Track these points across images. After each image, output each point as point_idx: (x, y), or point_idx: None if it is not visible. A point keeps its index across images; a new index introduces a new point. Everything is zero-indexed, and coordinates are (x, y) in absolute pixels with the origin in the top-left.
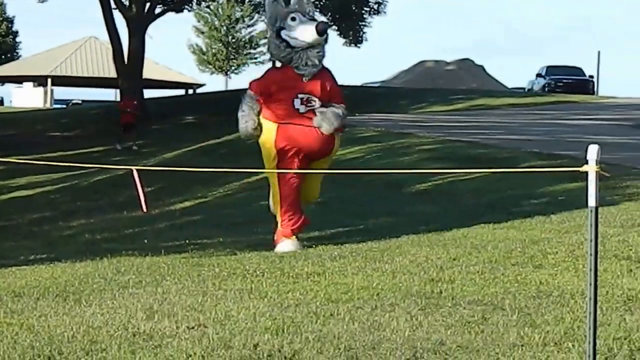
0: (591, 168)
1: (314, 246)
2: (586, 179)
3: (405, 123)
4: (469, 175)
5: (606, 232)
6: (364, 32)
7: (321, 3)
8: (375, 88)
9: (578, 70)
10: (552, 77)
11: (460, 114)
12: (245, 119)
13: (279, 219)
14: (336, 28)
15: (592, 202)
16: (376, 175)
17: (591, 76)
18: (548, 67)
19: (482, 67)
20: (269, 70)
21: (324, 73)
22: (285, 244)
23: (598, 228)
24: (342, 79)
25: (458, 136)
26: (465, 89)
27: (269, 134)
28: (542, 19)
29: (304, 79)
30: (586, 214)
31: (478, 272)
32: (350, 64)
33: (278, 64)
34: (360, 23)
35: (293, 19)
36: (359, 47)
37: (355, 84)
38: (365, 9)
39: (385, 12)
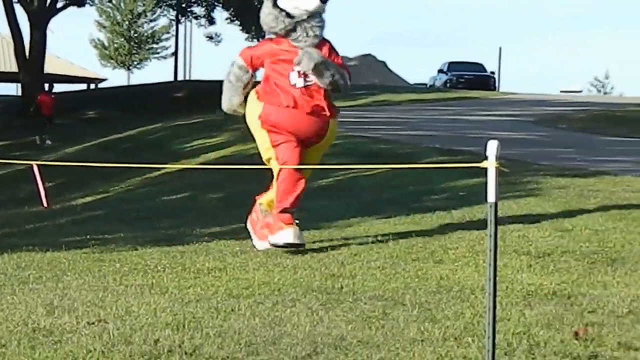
0: (490, 164)
1: (214, 241)
2: (486, 175)
3: None
4: (370, 170)
5: (506, 228)
6: None
7: None
8: None
9: (479, 66)
10: (454, 73)
11: (362, 110)
12: (231, 93)
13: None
14: (239, 23)
15: (491, 197)
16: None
17: (492, 72)
18: (450, 63)
19: (383, 62)
20: (262, 40)
21: (323, 43)
22: (286, 234)
23: (497, 223)
24: None
25: (360, 132)
26: (367, 84)
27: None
28: (444, 14)
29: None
30: (486, 210)
31: (379, 267)
32: None
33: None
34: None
35: None
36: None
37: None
38: None
39: None
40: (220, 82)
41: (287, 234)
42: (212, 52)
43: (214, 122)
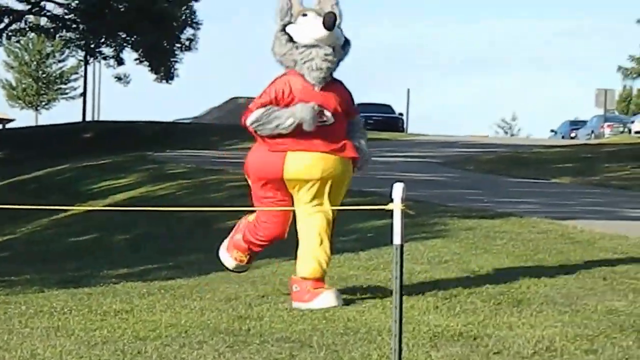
0: (396, 206)
1: (121, 283)
2: (392, 217)
3: (217, 159)
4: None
5: (413, 269)
6: (175, 68)
7: (132, 39)
8: (187, 124)
9: (388, 108)
10: (363, 114)
11: None
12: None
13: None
14: (148, 64)
15: (397, 240)
16: (187, 213)
17: (401, 114)
18: (359, 105)
19: None
20: (273, 81)
21: (339, 84)
22: (328, 298)
23: (403, 265)
24: (153, 115)
25: None
26: None
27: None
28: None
29: (315, 87)
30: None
31: (286, 309)
32: (162, 100)
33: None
34: (172, 59)
35: (305, 14)
36: (170, 82)
37: (167, 120)
38: (177, 45)
39: (197, 49)
40: (130, 122)
41: (329, 298)
42: (121, 92)
43: (122, 163)
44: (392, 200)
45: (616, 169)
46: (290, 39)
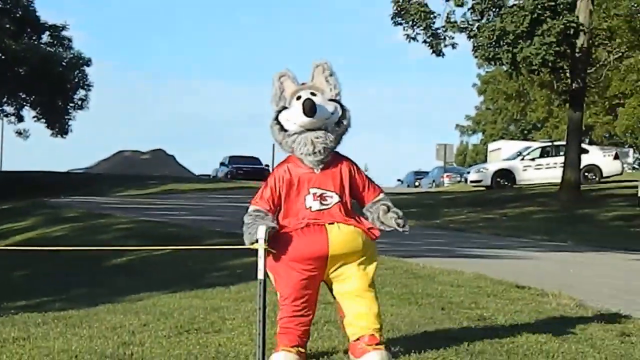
0: (260, 246)
1: (19, 314)
2: (256, 255)
3: (106, 205)
4: (159, 251)
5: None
6: (69, 125)
7: (31, 99)
8: (80, 174)
9: (255, 160)
10: (234, 165)
11: (153, 197)
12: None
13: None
14: (44, 121)
15: (260, 275)
16: (79, 252)
17: (267, 165)
18: (230, 157)
19: (173, 156)
20: (275, 168)
21: (341, 160)
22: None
23: (266, 297)
24: (49, 166)
25: (151, 216)
26: (158, 175)
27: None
28: (225, 112)
29: (315, 170)
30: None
31: (165, 336)
32: (58, 153)
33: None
34: (66, 117)
35: (298, 97)
36: (64, 137)
37: (62, 170)
38: (71, 104)
39: (88, 107)
40: (28, 172)
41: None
42: (21, 145)
43: (21, 208)
44: (256, 241)
45: (454, 214)
46: (282, 128)
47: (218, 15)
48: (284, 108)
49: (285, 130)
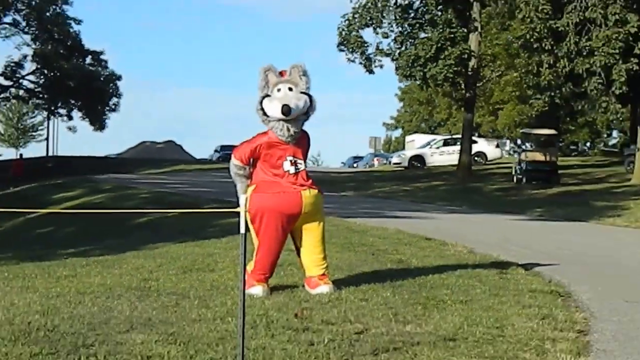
0: (241, 209)
1: (69, 258)
2: (238, 216)
3: (131, 180)
4: (170, 213)
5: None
6: (105, 122)
7: (78, 104)
8: (113, 158)
9: None
10: (224, 151)
11: (166, 175)
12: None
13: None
14: (88, 119)
15: (242, 229)
16: (112, 214)
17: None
18: (221, 146)
19: (180, 146)
20: (257, 135)
21: (304, 135)
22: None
23: (246, 246)
24: (92, 152)
25: (164, 188)
26: (170, 159)
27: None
28: (214, 110)
29: (290, 143)
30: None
31: (174, 273)
32: (98, 143)
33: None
34: (103, 117)
35: (279, 89)
36: (102, 131)
37: (100, 155)
38: (107, 108)
39: (119, 110)
40: (76, 157)
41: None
42: (71, 137)
43: (71, 182)
44: (238, 205)
45: (381, 186)
46: (265, 113)
47: (218, 19)
48: (267, 95)
49: (267, 116)
